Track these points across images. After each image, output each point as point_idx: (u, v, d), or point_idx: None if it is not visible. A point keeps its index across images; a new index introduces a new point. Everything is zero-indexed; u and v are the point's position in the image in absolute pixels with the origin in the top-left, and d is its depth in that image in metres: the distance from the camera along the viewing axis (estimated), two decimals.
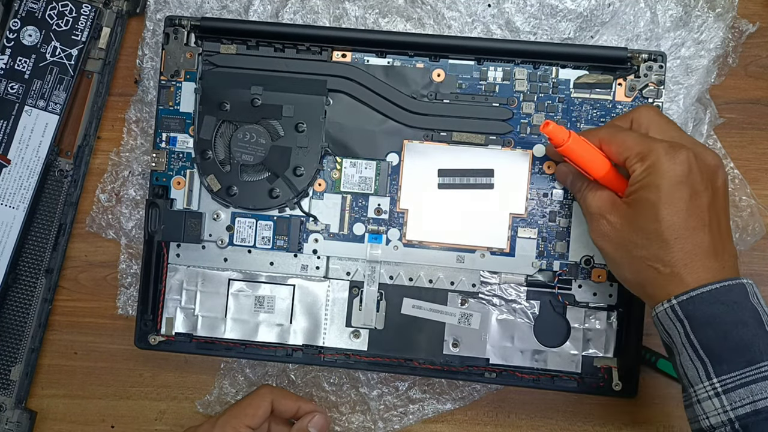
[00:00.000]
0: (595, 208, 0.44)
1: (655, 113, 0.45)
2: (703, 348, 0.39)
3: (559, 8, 0.53)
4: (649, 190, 0.41)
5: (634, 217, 0.42)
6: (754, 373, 0.37)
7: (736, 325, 0.38)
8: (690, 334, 0.39)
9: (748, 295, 0.39)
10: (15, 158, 0.53)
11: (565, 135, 0.44)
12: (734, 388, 0.38)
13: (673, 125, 0.44)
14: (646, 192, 0.41)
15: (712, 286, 0.39)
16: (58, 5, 0.54)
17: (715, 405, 0.38)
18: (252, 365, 0.55)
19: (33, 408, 0.56)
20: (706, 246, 0.40)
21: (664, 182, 0.40)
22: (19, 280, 0.54)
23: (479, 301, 0.51)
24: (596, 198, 0.44)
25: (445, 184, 0.51)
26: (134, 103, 0.56)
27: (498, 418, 0.54)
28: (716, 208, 0.41)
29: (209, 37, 0.52)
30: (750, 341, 0.38)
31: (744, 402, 0.37)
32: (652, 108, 0.45)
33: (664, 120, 0.44)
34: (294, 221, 0.52)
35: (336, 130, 0.51)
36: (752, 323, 0.38)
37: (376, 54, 0.51)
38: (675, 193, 0.40)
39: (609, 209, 0.43)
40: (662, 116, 0.45)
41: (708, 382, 0.38)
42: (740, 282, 0.39)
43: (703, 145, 0.43)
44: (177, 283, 0.52)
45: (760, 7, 0.54)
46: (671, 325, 0.40)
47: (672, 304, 0.40)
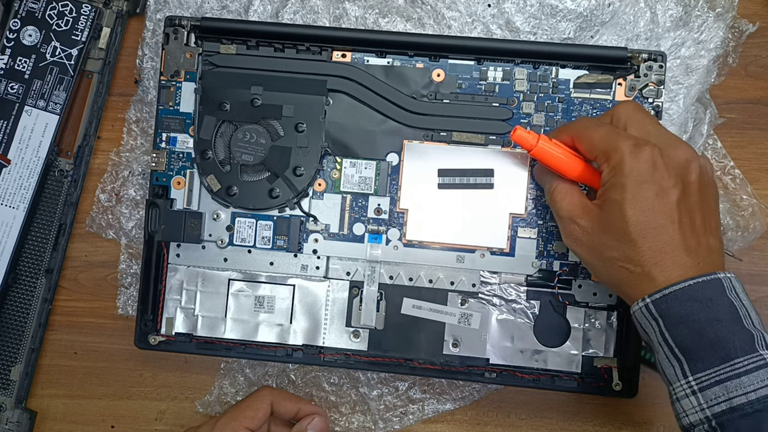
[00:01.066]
0: (565, 212, 0.44)
1: (634, 109, 0.44)
2: (678, 346, 0.39)
3: (559, 8, 0.53)
4: (614, 190, 0.41)
5: (603, 219, 0.41)
6: (728, 370, 0.37)
7: (711, 323, 0.38)
8: (665, 332, 0.39)
9: (725, 290, 0.39)
10: (15, 158, 0.54)
11: (532, 139, 0.44)
12: (710, 385, 0.37)
13: (651, 120, 0.43)
14: (611, 192, 0.41)
15: (685, 284, 0.38)
16: (58, 5, 0.54)
17: (692, 403, 0.38)
18: (252, 365, 0.55)
19: (33, 408, 0.56)
20: (676, 243, 0.40)
21: (628, 181, 0.40)
22: (19, 280, 0.54)
23: (479, 301, 0.51)
24: (566, 202, 0.44)
25: (445, 184, 0.51)
26: (134, 103, 0.56)
27: (498, 418, 0.54)
28: (688, 203, 0.40)
29: (209, 37, 0.52)
30: (725, 338, 0.38)
31: (720, 399, 0.37)
32: (632, 104, 0.45)
33: (641, 115, 0.43)
34: (294, 221, 0.52)
35: (336, 130, 0.51)
36: (727, 319, 0.38)
37: (376, 54, 0.51)
38: (640, 191, 0.40)
39: (579, 213, 0.43)
40: (641, 111, 0.44)
41: (684, 381, 0.38)
42: (716, 277, 0.39)
43: (678, 140, 0.42)
44: (177, 283, 0.52)
45: (760, 7, 0.54)
46: (647, 324, 0.40)
47: (646, 303, 0.39)
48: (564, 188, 0.45)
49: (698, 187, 0.41)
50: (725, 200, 0.53)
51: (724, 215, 0.53)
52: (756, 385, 0.36)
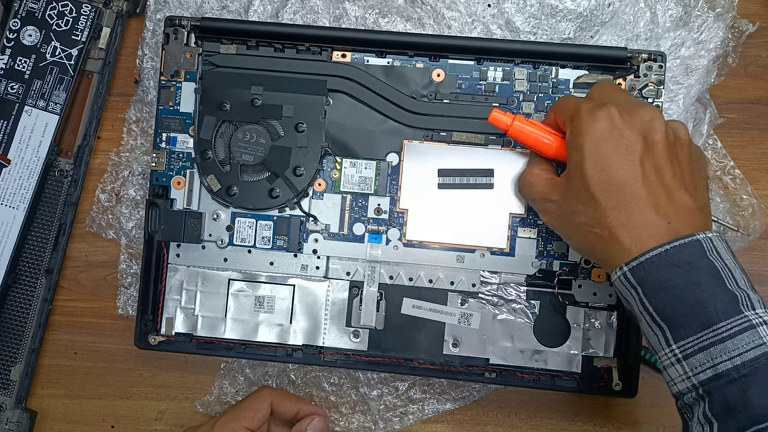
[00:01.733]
0: (536, 194, 0.44)
1: (608, 86, 0.44)
2: (659, 314, 0.37)
3: (559, 8, 0.53)
4: (574, 151, 0.40)
5: (569, 186, 0.41)
6: (711, 335, 0.36)
7: (690, 287, 0.37)
8: (644, 300, 0.38)
9: (704, 252, 0.37)
10: (15, 158, 0.54)
11: (507, 120, 0.45)
12: (693, 353, 0.36)
13: (621, 91, 0.43)
14: (573, 155, 0.41)
15: (662, 249, 0.37)
16: (58, 5, 0.54)
17: (678, 371, 0.37)
18: (252, 365, 0.55)
19: (33, 408, 0.56)
20: (642, 201, 0.38)
21: (585, 141, 0.40)
22: (19, 280, 0.54)
23: (479, 301, 0.51)
24: (535, 185, 0.45)
25: (445, 184, 0.51)
26: (134, 103, 0.56)
27: (498, 418, 0.54)
28: (653, 161, 0.39)
29: (209, 37, 0.52)
30: (705, 302, 0.36)
31: (705, 366, 0.36)
32: (607, 83, 0.45)
33: (613, 89, 0.43)
34: (294, 221, 0.52)
35: (336, 130, 0.51)
36: (707, 283, 0.37)
37: (376, 54, 0.51)
38: (598, 150, 0.39)
39: (549, 190, 0.43)
40: (614, 88, 0.44)
41: (668, 349, 0.37)
42: (694, 239, 0.37)
43: (642, 103, 0.41)
44: (177, 283, 0.52)
45: (760, 7, 0.54)
46: (627, 293, 0.39)
47: (624, 272, 0.38)
48: (533, 174, 0.46)
49: (665, 146, 0.40)
50: (725, 200, 0.53)
51: (724, 215, 0.53)
52: (741, 349, 0.35)
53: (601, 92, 0.43)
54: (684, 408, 0.38)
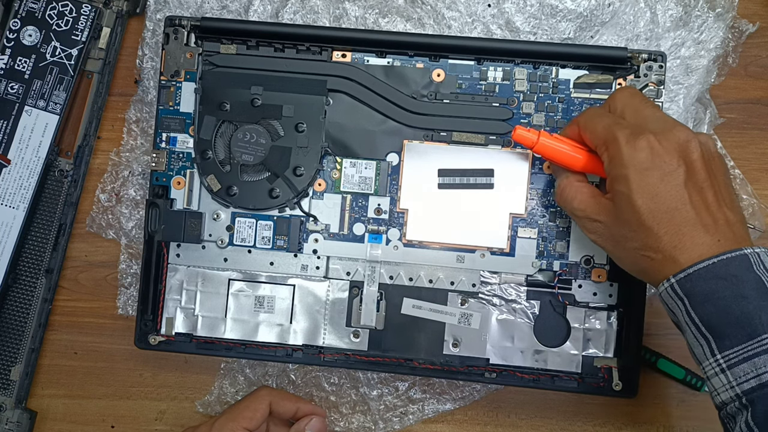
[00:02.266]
0: (579, 212, 0.44)
1: (630, 94, 0.44)
2: (705, 325, 0.38)
3: (559, 8, 0.53)
4: (619, 182, 0.41)
5: (616, 211, 0.42)
6: (756, 346, 0.37)
7: (736, 299, 0.37)
8: (691, 311, 0.39)
9: (751, 266, 0.38)
10: (15, 158, 0.54)
11: (533, 137, 0.45)
12: (738, 362, 0.37)
13: (647, 104, 0.43)
14: (617, 185, 0.41)
15: (709, 261, 0.38)
16: (58, 5, 0.54)
17: (722, 381, 0.38)
18: (252, 365, 0.55)
19: (33, 408, 0.56)
20: (692, 222, 0.39)
21: (630, 172, 0.40)
22: (19, 280, 0.54)
23: (479, 301, 0.51)
24: (577, 201, 0.44)
25: (445, 184, 0.51)
26: (134, 103, 0.56)
27: (498, 418, 0.54)
28: (696, 182, 0.40)
29: (209, 37, 0.52)
30: (751, 314, 0.37)
31: (749, 376, 0.36)
32: (628, 89, 0.45)
33: (638, 100, 0.43)
34: (294, 221, 0.52)
35: (336, 130, 0.51)
36: (754, 296, 0.37)
37: (376, 54, 0.51)
38: (644, 180, 0.40)
39: (594, 210, 0.43)
40: (637, 96, 0.44)
41: (713, 359, 0.38)
42: (741, 253, 0.38)
43: (674, 122, 0.42)
44: (177, 283, 0.52)
45: (760, 7, 0.54)
46: (674, 304, 0.40)
47: (671, 283, 0.39)
48: (573, 186, 0.45)
49: (703, 164, 0.40)
50: None
51: None
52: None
53: (629, 108, 0.43)
54: (727, 418, 0.39)
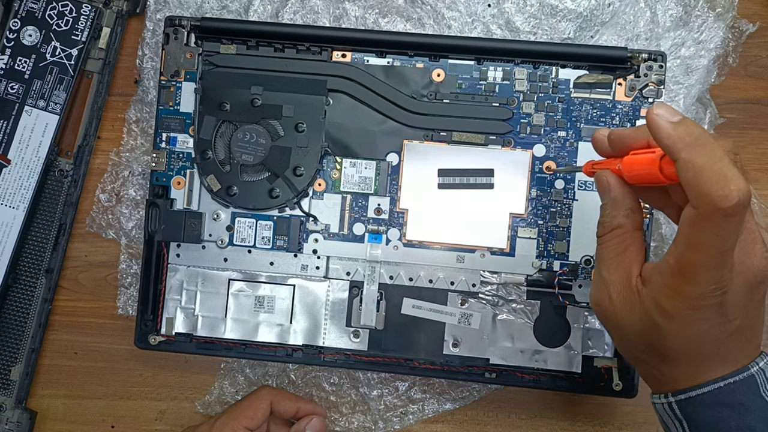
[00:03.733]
0: (604, 276, 0.36)
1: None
2: None
3: (559, 8, 0.53)
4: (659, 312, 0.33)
5: (640, 317, 0.34)
6: None
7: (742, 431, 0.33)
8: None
9: (759, 388, 0.34)
10: (15, 158, 0.54)
11: (613, 166, 0.36)
12: None
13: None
14: (655, 311, 0.33)
15: (715, 385, 0.34)
16: (58, 5, 0.54)
17: None
18: (252, 365, 0.55)
19: (33, 408, 0.56)
20: (716, 356, 0.34)
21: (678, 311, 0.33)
22: (19, 280, 0.54)
23: (479, 301, 0.51)
24: (611, 269, 0.36)
25: (445, 184, 0.51)
26: (134, 103, 0.56)
27: (498, 418, 0.54)
28: (745, 322, 0.34)
29: (209, 37, 0.52)
30: None
31: None
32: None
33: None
34: (294, 221, 0.52)
35: (336, 130, 0.51)
36: (761, 428, 0.33)
37: (376, 54, 0.51)
38: (690, 326, 0.33)
39: (619, 288, 0.35)
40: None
41: None
42: (749, 374, 0.34)
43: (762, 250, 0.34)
44: (177, 283, 0.52)
45: (760, 7, 0.54)
46: (669, 421, 0.36)
47: (669, 402, 0.35)
48: (622, 241, 0.36)
49: (761, 302, 0.34)
50: None
51: None
52: None
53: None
54: None
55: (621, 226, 0.36)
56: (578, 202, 0.50)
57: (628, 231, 0.36)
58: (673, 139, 0.30)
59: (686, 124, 0.30)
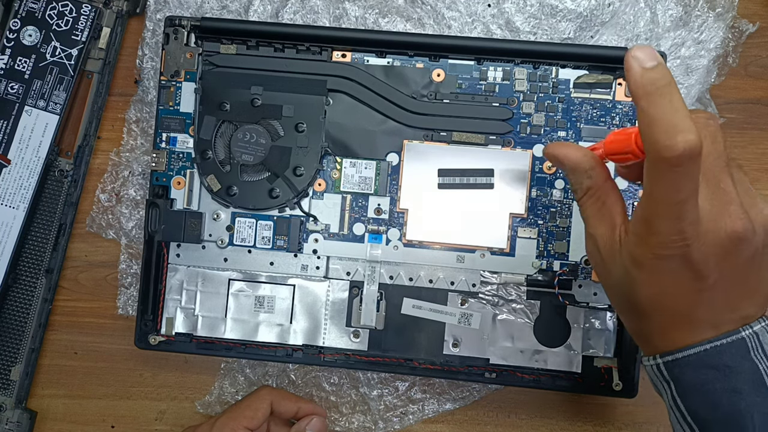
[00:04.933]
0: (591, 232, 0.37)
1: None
2: (691, 415, 0.34)
3: (559, 8, 0.53)
4: (633, 258, 0.34)
5: (619, 273, 0.35)
6: None
7: (728, 393, 0.33)
8: (677, 398, 0.35)
9: (749, 352, 0.33)
10: (15, 158, 0.54)
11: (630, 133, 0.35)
12: None
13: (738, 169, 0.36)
14: (628, 260, 0.34)
15: (701, 348, 0.34)
16: (58, 5, 0.54)
17: None
18: (252, 365, 0.55)
19: (33, 408, 0.56)
20: (699, 320, 0.34)
21: (646, 260, 0.33)
22: (19, 280, 0.54)
23: (479, 301, 0.51)
24: (595, 225, 0.36)
25: (445, 184, 0.51)
26: (134, 103, 0.56)
27: (498, 418, 0.54)
28: (725, 280, 0.34)
29: (209, 37, 0.52)
30: (743, 412, 0.33)
31: None
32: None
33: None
34: (294, 221, 0.52)
35: (336, 130, 0.51)
36: (747, 390, 0.33)
37: (376, 54, 0.51)
38: (658, 278, 0.34)
39: (605, 241, 0.36)
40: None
41: None
42: (739, 337, 0.34)
43: (735, 201, 0.34)
44: (177, 283, 0.52)
45: (760, 7, 0.54)
46: (658, 382, 0.36)
47: (657, 363, 0.35)
48: (596, 200, 0.36)
49: (747, 264, 0.34)
50: None
51: None
52: None
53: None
54: None
55: (590, 187, 0.37)
56: None
57: (598, 187, 0.36)
58: (637, 85, 0.31)
59: (657, 71, 0.30)
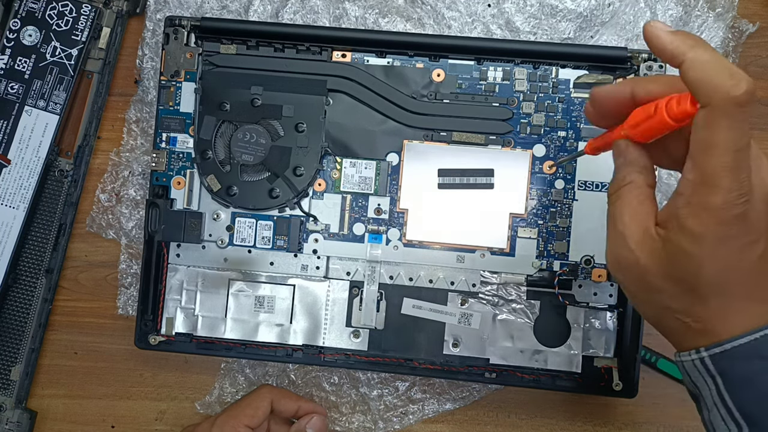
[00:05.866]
0: (620, 230, 0.34)
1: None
2: (739, 410, 0.32)
3: (559, 8, 0.53)
4: (686, 235, 0.32)
5: (666, 261, 0.33)
6: None
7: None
8: (723, 393, 0.33)
9: None
10: (15, 158, 0.54)
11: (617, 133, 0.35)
12: None
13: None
14: (682, 236, 0.32)
15: (752, 336, 0.32)
16: (58, 5, 0.54)
17: None
18: (252, 365, 0.55)
19: (33, 408, 0.56)
20: (752, 296, 0.33)
21: (708, 233, 0.32)
22: (19, 280, 0.54)
23: (479, 301, 0.51)
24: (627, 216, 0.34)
25: (445, 184, 0.51)
26: (134, 103, 0.56)
27: (498, 418, 0.54)
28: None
29: (209, 37, 0.52)
30: None
31: None
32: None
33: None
34: (294, 221, 0.52)
35: (336, 130, 0.51)
36: None
37: (376, 54, 0.51)
38: (722, 248, 0.32)
39: (638, 239, 0.34)
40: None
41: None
42: None
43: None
44: (177, 283, 0.52)
45: (760, 7, 0.54)
46: (699, 378, 0.34)
47: (702, 357, 0.33)
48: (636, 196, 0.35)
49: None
50: None
51: None
52: None
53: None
54: None
55: (634, 181, 0.35)
56: (578, 202, 0.50)
57: (642, 186, 0.35)
58: (676, 43, 0.31)
59: (682, 32, 0.32)
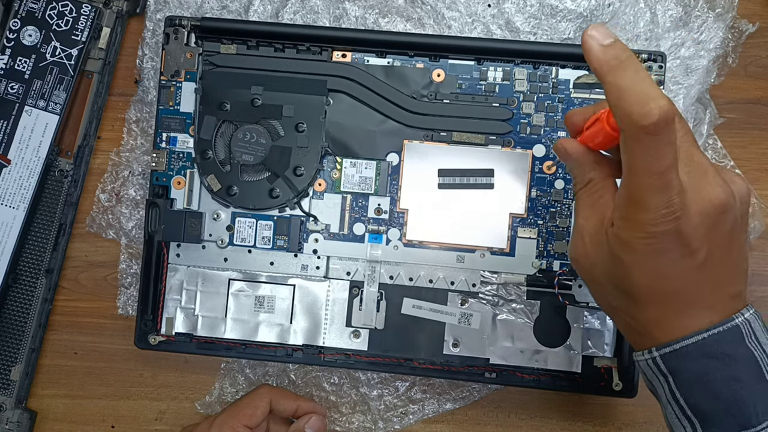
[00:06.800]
0: (580, 224, 0.36)
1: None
2: (691, 408, 0.34)
3: (559, 8, 0.53)
4: (623, 246, 0.33)
5: (608, 260, 0.34)
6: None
7: (728, 382, 0.33)
8: (675, 391, 0.34)
9: (744, 339, 0.33)
10: (15, 158, 0.54)
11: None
12: None
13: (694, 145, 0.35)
14: (619, 246, 0.34)
15: (699, 336, 0.33)
16: (58, 5, 0.54)
17: None
18: (252, 365, 0.55)
19: (33, 408, 0.56)
20: (692, 302, 0.34)
21: (639, 245, 0.33)
22: (19, 280, 0.54)
23: (479, 301, 0.51)
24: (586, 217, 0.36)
25: (445, 184, 0.51)
26: (134, 103, 0.56)
27: (498, 418, 0.54)
28: (714, 259, 0.34)
29: (209, 37, 0.52)
30: (745, 401, 0.33)
31: None
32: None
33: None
34: (294, 221, 0.52)
35: (336, 130, 0.51)
36: (747, 378, 0.33)
37: (376, 54, 0.51)
38: (654, 260, 0.33)
39: (592, 232, 0.35)
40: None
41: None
42: (733, 324, 0.33)
43: (713, 170, 0.34)
44: (177, 283, 0.52)
45: (760, 7, 0.54)
46: (654, 378, 0.35)
47: (653, 356, 0.34)
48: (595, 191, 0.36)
49: (728, 237, 0.34)
50: None
51: None
52: None
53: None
54: None
55: (591, 179, 0.36)
56: None
57: (599, 181, 0.36)
58: (601, 62, 0.32)
59: (615, 47, 0.32)
